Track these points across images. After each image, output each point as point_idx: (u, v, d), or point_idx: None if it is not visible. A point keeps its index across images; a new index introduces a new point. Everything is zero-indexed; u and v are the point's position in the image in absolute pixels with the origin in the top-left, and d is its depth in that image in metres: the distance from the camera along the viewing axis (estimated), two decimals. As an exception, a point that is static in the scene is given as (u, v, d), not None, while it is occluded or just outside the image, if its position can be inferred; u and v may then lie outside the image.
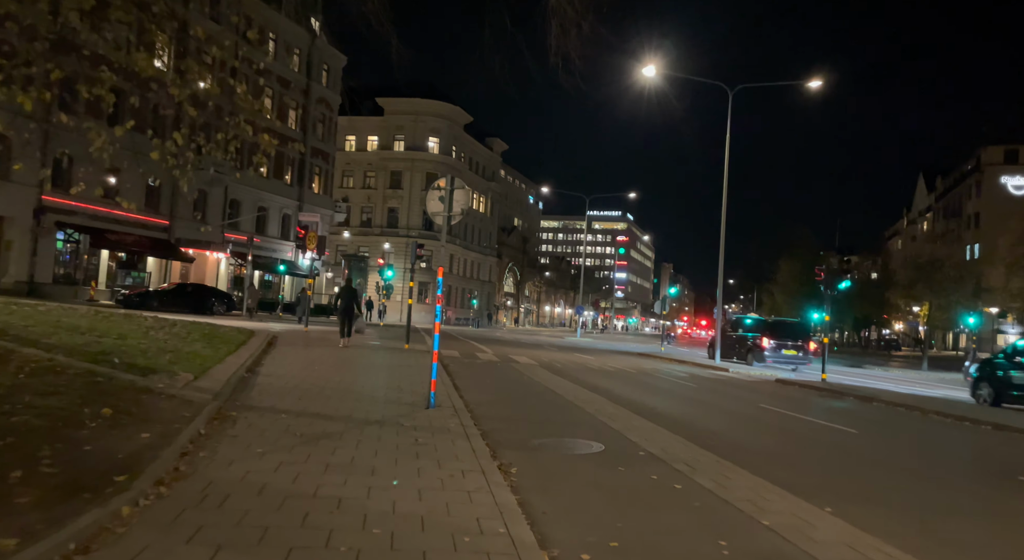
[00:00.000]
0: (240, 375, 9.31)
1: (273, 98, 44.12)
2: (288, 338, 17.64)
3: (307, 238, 20.14)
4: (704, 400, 12.42)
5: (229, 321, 24.17)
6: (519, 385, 12.23)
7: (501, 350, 22.33)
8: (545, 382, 12.69)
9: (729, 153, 22.66)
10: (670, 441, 7.36)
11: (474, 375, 13.39)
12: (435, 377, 8.40)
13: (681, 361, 23.24)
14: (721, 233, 23.18)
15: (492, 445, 6.54)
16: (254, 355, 11.86)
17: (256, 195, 42.71)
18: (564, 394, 10.91)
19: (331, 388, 9.24)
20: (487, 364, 16.12)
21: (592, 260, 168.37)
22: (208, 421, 6.24)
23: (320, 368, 11.47)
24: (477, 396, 10.01)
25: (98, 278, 32.76)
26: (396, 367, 12.58)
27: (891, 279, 58.84)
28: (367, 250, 63.96)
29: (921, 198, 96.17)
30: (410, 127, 68.75)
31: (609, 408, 9.57)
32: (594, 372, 16.40)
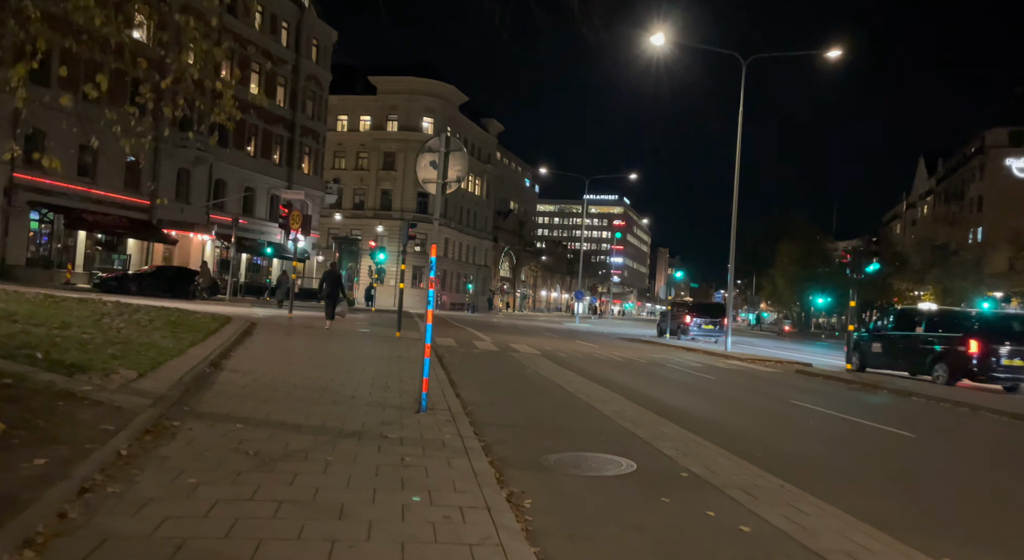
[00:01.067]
0: (200, 371, 7.96)
1: (260, 74, 42.34)
2: (269, 325, 16.29)
3: (291, 217, 18.72)
4: (730, 396, 11.16)
5: (209, 306, 22.78)
6: (522, 380, 10.93)
7: (499, 338, 21.05)
8: (551, 376, 11.39)
9: (742, 128, 21.28)
10: (712, 454, 6.07)
11: (472, 368, 12.09)
12: (427, 375, 7.08)
13: (690, 349, 22.02)
14: (733, 213, 21.88)
15: (498, 464, 5.23)
16: (224, 345, 10.52)
17: (243, 175, 41.11)
18: (575, 391, 9.61)
19: (306, 386, 7.91)
20: (485, 354, 14.82)
21: (589, 245, 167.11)
22: (137, 437, 4.90)
23: (298, 361, 10.13)
24: (476, 395, 8.70)
25: (75, 261, 31.23)
26: (384, 359, 11.26)
27: (904, 262, 57.42)
28: (360, 233, 62.42)
29: (921, 181, 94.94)
30: (404, 107, 66.92)
31: (630, 409, 8.27)
32: (601, 362, 15.12)
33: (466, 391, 8.86)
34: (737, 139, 21.21)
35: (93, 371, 6.34)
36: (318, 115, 48.54)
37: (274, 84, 43.70)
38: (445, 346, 15.71)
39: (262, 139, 42.91)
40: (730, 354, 19.65)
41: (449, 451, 5.35)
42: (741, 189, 21.82)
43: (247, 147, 42.00)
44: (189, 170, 37.02)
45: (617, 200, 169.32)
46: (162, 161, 35.13)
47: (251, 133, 42.08)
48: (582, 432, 6.80)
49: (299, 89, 45.64)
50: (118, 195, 32.93)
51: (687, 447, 6.25)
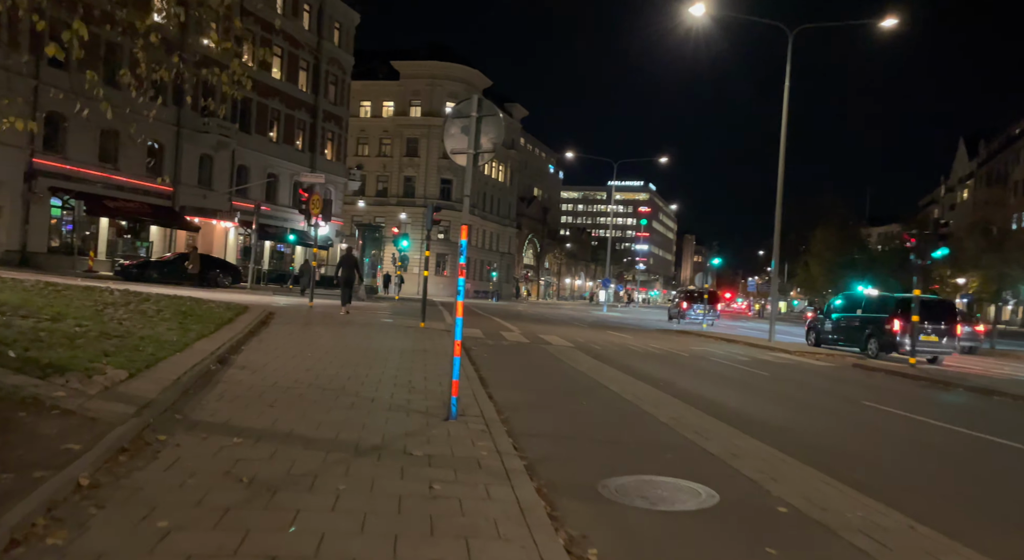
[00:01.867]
0: (203, 369, 7.09)
1: (282, 57, 41.62)
2: (287, 314, 15.49)
3: (311, 201, 17.87)
4: (794, 397, 10.05)
5: (229, 295, 22.12)
6: (560, 376, 9.94)
7: (528, 328, 20.07)
8: (591, 372, 10.38)
9: (788, 105, 19.89)
10: (805, 478, 5.02)
11: (502, 363, 11.12)
12: (457, 376, 6.11)
13: (730, 339, 20.82)
14: (778, 194, 20.57)
15: (547, 492, 4.25)
16: (236, 338, 9.67)
17: (265, 161, 40.52)
18: (620, 391, 8.59)
19: (321, 386, 7.01)
20: (515, 347, 13.84)
21: (614, 231, 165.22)
22: (108, 458, 4.00)
23: (315, 355, 9.24)
24: (510, 395, 7.73)
25: (97, 248, 30.87)
26: (408, 353, 10.33)
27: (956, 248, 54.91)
28: (383, 220, 61.77)
29: (961, 164, 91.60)
30: (427, 92, 65.91)
31: (688, 415, 7.23)
32: (640, 356, 14.07)
33: (499, 391, 7.89)
34: (782, 116, 19.86)
35: (74, 371, 5.48)
36: (341, 100, 47.74)
37: (296, 68, 42.94)
38: (472, 338, 14.76)
39: (284, 124, 42.24)
40: (775, 345, 18.43)
41: (487, 474, 4.38)
42: (771, 172, 20.50)
43: (269, 132, 41.38)
44: (211, 155, 36.48)
45: (643, 186, 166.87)
46: (184, 146, 34.62)
47: (273, 118, 41.43)
48: (640, 445, 5.78)
49: (321, 73, 44.84)
50: (140, 181, 32.49)
51: (772, 467, 5.20)
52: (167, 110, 33.73)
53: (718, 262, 35.61)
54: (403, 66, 65.38)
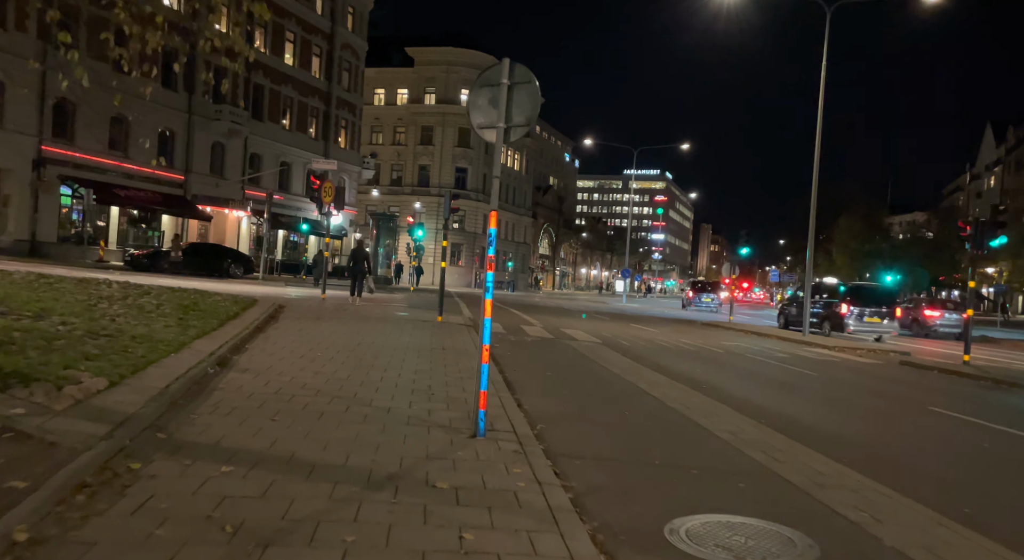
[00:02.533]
0: (200, 373, 6.33)
1: (295, 43, 40.84)
2: (299, 308, 14.75)
3: (323, 189, 17.09)
4: (851, 401, 9.15)
5: (240, 286, 21.47)
6: (593, 379, 9.09)
7: (549, 321, 19.22)
8: (625, 373, 9.51)
9: (825, 85, 18.78)
10: (915, 517, 4.14)
11: (528, 362, 10.30)
12: (485, 387, 5.28)
13: (760, 333, 19.83)
14: (814, 177, 19.52)
15: (605, 542, 3.41)
16: (240, 336, 8.92)
17: (278, 149, 39.85)
18: (663, 397, 7.72)
19: (331, 393, 6.22)
20: (539, 343, 13.00)
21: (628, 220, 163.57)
22: (61, 499, 3.22)
23: (325, 354, 8.47)
24: (543, 404, 6.90)
25: (107, 238, 30.39)
26: (426, 352, 9.53)
27: None
28: (397, 209, 61.07)
29: (988, 151, 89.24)
30: (441, 79, 64.92)
31: (749, 428, 6.35)
32: (672, 352, 13.18)
33: (529, 397, 7.06)
34: (820, 96, 18.76)
35: (41, 381, 4.71)
36: (354, 87, 46.91)
37: (309, 54, 42.14)
38: (492, 333, 13.94)
39: (297, 112, 41.51)
40: (810, 340, 17.45)
41: (528, 515, 3.55)
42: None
43: (282, 120, 40.68)
44: (223, 143, 35.85)
45: (659, 175, 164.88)
46: (195, 134, 34.00)
47: (286, 105, 40.72)
48: (704, 470, 4.92)
49: (335, 59, 44.01)
50: (151, 170, 31.92)
51: (870, 503, 4.31)
52: (178, 97, 33.10)
53: (746, 252, 34.36)
54: (418, 53, 64.40)
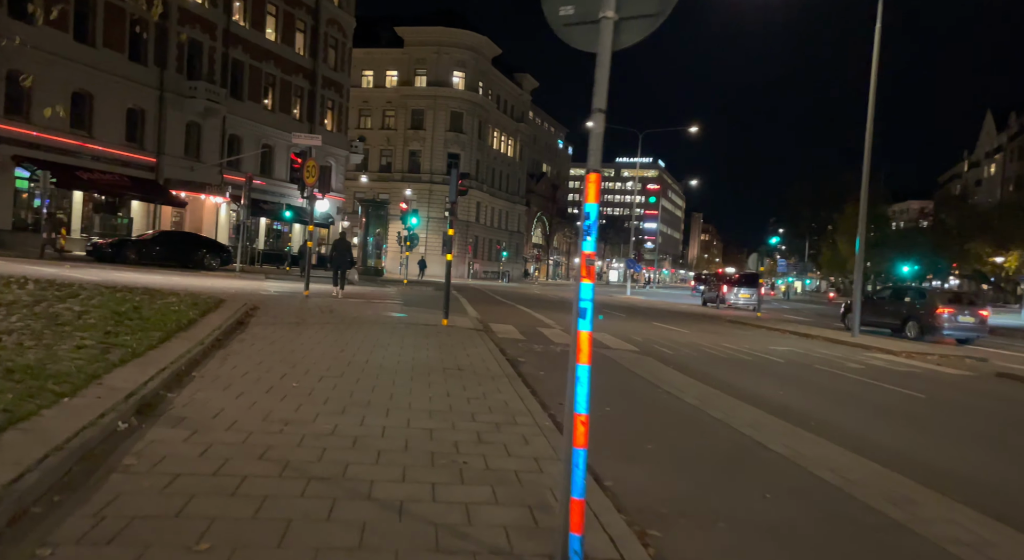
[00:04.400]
0: (99, 434, 4.00)
1: (276, 16, 38.05)
2: (276, 308, 12.37)
3: (305, 168, 14.66)
4: (991, 436, 6.95)
5: (213, 279, 19.03)
6: (670, 417, 6.82)
7: (565, 321, 16.94)
8: (703, 404, 7.24)
9: (879, 50, 16.57)
10: None
11: (564, 381, 8.02)
12: (581, 493, 2.95)
13: (801, 333, 17.64)
14: (865, 160, 17.35)
15: None
16: (188, 356, 6.57)
17: (259, 131, 37.14)
18: (793, 455, 5.42)
19: (305, 469, 3.91)
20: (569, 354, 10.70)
21: (622, 209, 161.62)
22: None
23: (302, 384, 6.15)
24: (634, 478, 4.59)
25: (70, 226, 27.70)
26: (438, 374, 7.23)
27: (989, 225, 51.88)
28: (387, 197, 58.48)
29: (988, 138, 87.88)
30: (433, 60, 62.18)
31: (924, 501, 4.11)
32: (726, 363, 10.96)
33: (606, 462, 4.74)
34: (873, 59, 16.57)
35: None
36: (341, 65, 44.16)
37: (292, 29, 39.36)
38: (509, 338, 11.67)
39: (280, 91, 38.78)
40: (865, 342, 15.27)
41: None
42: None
43: (263, 100, 37.94)
44: (199, 124, 33.13)
45: (652, 163, 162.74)
46: (168, 113, 31.27)
47: (268, 84, 37.97)
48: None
49: (320, 35, 41.24)
50: (119, 151, 29.25)
51: None
52: (148, 71, 30.35)
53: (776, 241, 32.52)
54: (407, 32, 61.59)
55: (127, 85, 29.17)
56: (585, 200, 2.97)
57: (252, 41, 36.06)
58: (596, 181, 2.93)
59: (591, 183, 2.94)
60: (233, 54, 34.77)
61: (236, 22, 34.95)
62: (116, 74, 28.57)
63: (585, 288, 2.95)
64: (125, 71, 29.05)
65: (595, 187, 2.93)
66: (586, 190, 2.97)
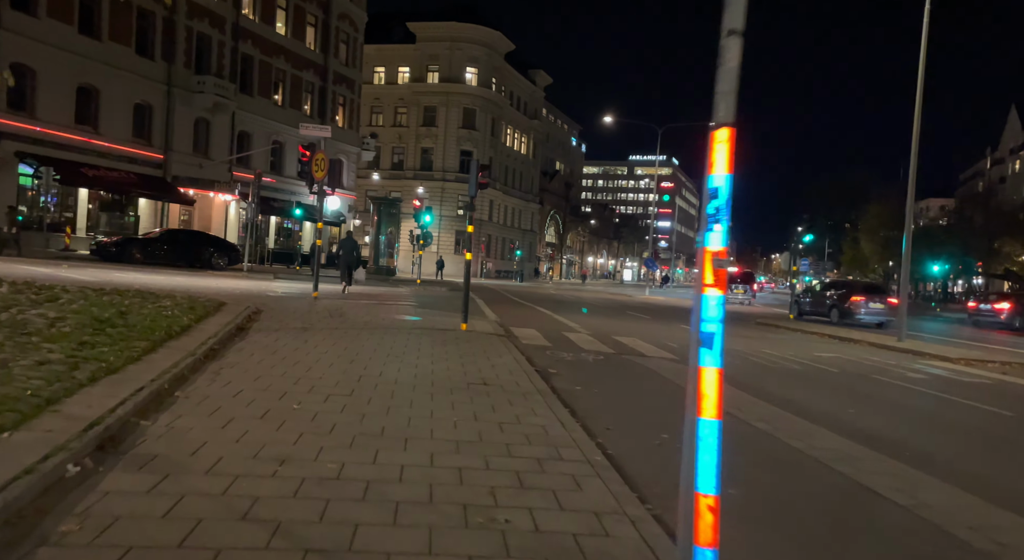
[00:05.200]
0: (39, 483, 3.07)
1: (287, 10, 37.28)
2: (282, 311, 11.47)
3: (313, 161, 13.77)
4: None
5: (219, 280, 18.21)
6: (753, 453, 5.84)
7: (588, 323, 15.95)
8: (775, 430, 6.19)
9: (926, 42, 15.45)
10: None
11: (608, 401, 7.04)
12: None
13: (839, 336, 16.52)
14: (912, 159, 16.24)
15: None
16: (174, 371, 5.66)
17: (269, 127, 36.37)
18: (891, 492, 4.44)
19: (300, 521, 2.95)
20: (607, 365, 9.64)
21: (635, 208, 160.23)
22: None
23: (304, 408, 5.20)
24: (730, 535, 3.62)
25: (75, 224, 27.04)
26: (462, 392, 6.26)
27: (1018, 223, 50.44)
28: (399, 194, 57.69)
29: (1013, 134, 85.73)
30: (445, 56, 61.30)
31: None
32: (777, 374, 9.93)
33: (672, 493, 3.77)
34: (922, 44, 15.46)
35: None
36: (352, 61, 43.35)
37: (303, 23, 38.58)
38: (535, 345, 10.69)
39: (291, 86, 38.01)
40: (915, 348, 14.15)
41: None
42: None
43: (274, 95, 37.19)
44: (208, 119, 32.40)
45: (665, 160, 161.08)
46: (176, 108, 30.55)
47: (278, 79, 37.21)
48: None
49: (331, 30, 40.45)
50: (125, 147, 28.55)
51: None
52: (155, 66, 29.64)
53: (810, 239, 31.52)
54: (420, 28, 60.75)
55: (134, 79, 28.46)
56: (709, 170, 1.98)
57: (262, 35, 35.30)
58: (730, 139, 1.94)
59: (721, 143, 1.95)
60: (243, 49, 34.02)
61: (245, 16, 34.20)
62: (123, 68, 27.86)
63: (711, 303, 1.96)
64: (132, 65, 28.34)
65: (728, 149, 1.95)
66: (709, 155, 1.99)
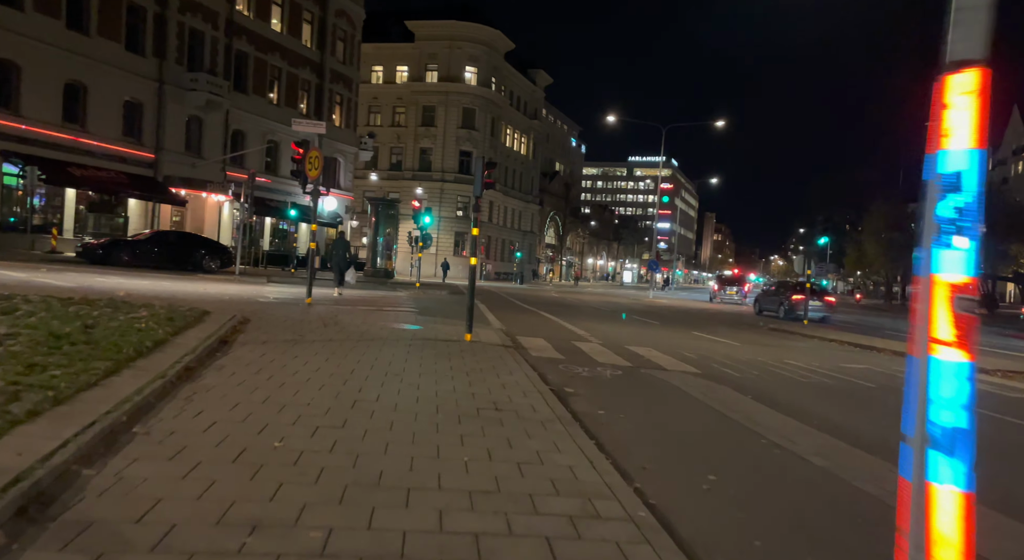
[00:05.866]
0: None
1: (282, 6, 36.45)
2: (271, 320, 10.63)
3: (307, 159, 12.94)
4: None
5: (207, 284, 17.36)
6: (794, 485, 5.02)
7: (599, 331, 15.13)
8: (823, 461, 5.43)
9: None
10: None
11: (635, 428, 6.23)
12: None
13: (867, 346, 15.69)
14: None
15: None
16: (137, 399, 4.82)
17: (264, 126, 35.53)
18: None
19: None
20: (625, 381, 8.79)
21: (635, 209, 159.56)
22: None
23: (289, 441, 4.37)
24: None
25: (62, 225, 26.17)
26: (471, 421, 5.44)
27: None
28: (397, 195, 56.86)
29: (1015, 135, 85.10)
30: (444, 55, 60.51)
31: None
32: (805, 388, 9.12)
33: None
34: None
35: None
36: (350, 59, 42.52)
37: (299, 20, 37.76)
38: (546, 358, 9.86)
39: (286, 84, 37.17)
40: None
41: None
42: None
43: (269, 93, 36.36)
44: (200, 118, 31.55)
45: (664, 162, 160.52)
46: (167, 106, 29.70)
47: (273, 77, 36.37)
48: None
49: (328, 27, 39.63)
50: (115, 146, 27.71)
51: None
52: (146, 62, 28.79)
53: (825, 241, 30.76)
54: (418, 26, 59.96)
55: (124, 76, 27.61)
56: (935, 142, 1.16)
57: (256, 31, 34.47)
58: (981, 87, 1.12)
59: (965, 93, 1.12)
60: (237, 45, 33.19)
61: (239, 11, 33.37)
62: (112, 64, 27.02)
63: (949, 375, 1.13)
64: (122, 61, 27.49)
65: (978, 106, 1.12)
66: (936, 118, 1.16)
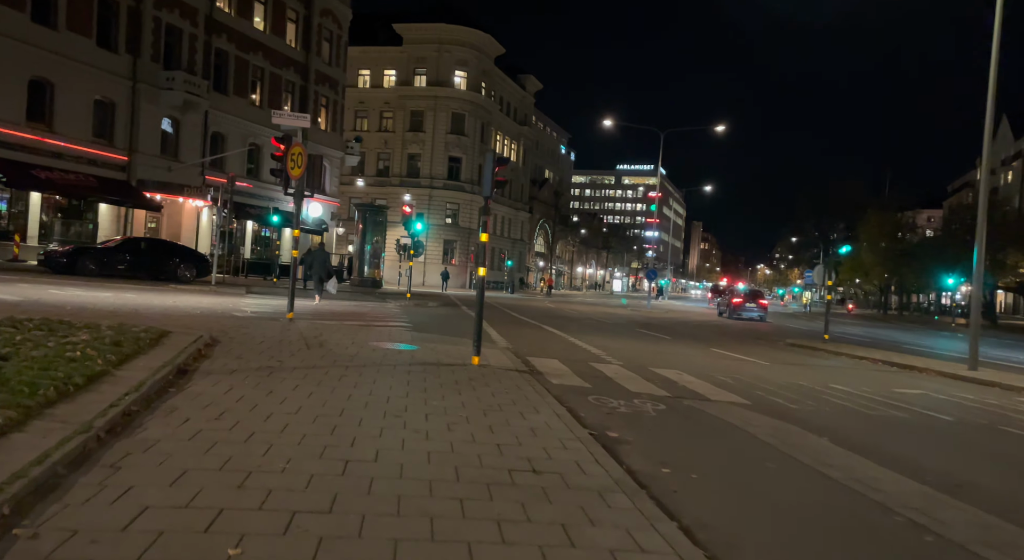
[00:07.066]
0: None
1: (265, 4, 34.92)
2: (243, 341, 9.08)
3: (288, 156, 11.46)
4: None
5: (179, 295, 15.75)
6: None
7: (613, 348, 13.71)
8: (999, 555, 4.05)
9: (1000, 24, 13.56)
10: None
11: (757, 520, 4.81)
12: None
13: (908, 365, 14.35)
14: (984, 161, 14.29)
15: None
16: (50, 458, 3.31)
17: (246, 128, 33.88)
18: None
19: None
20: (676, 421, 7.38)
21: (623, 217, 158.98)
22: None
23: (250, 542, 2.87)
24: None
25: (25, 232, 24.38)
26: (504, 489, 3.98)
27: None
28: (384, 202, 55.30)
29: (1004, 144, 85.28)
30: (433, 58, 59.18)
31: None
32: (874, 422, 7.77)
33: None
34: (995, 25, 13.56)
35: None
36: (336, 60, 41.03)
37: (283, 19, 36.24)
38: (568, 385, 8.42)
39: (269, 85, 35.58)
40: (1003, 381, 12.08)
41: None
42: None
43: (251, 94, 34.74)
44: (177, 119, 29.90)
45: (652, 170, 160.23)
46: (142, 106, 28.03)
47: (255, 77, 34.78)
48: None
49: (313, 26, 38.14)
50: (84, 147, 25.99)
51: None
52: (119, 59, 27.14)
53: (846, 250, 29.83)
54: (406, 29, 58.61)
55: (94, 74, 25.94)
56: None
57: (238, 30, 32.92)
58: None
59: None
60: (216, 43, 31.61)
61: (220, 8, 31.81)
62: (81, 61, 25.35)
63: None
64: (92, 58, 25.84)
65: None
66: None
